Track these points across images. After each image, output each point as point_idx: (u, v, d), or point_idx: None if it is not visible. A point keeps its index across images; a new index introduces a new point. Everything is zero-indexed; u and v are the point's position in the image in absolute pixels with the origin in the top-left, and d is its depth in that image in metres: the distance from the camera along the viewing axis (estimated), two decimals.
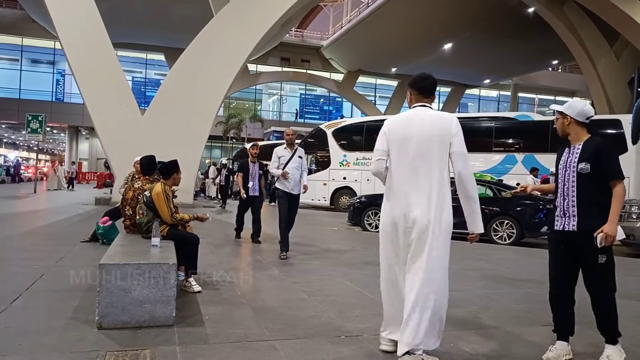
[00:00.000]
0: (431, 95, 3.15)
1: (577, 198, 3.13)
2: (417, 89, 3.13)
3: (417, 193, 2.95)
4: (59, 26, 14.31)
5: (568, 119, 3.24)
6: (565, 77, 44.90)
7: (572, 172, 3.17)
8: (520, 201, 10.06)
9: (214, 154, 39.73)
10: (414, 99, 3.15)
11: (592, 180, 3.09)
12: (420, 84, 3.13)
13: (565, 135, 3.29)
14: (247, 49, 15.76)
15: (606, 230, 2.96)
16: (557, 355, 3.19)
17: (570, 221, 3.14)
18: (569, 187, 3.18)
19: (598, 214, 3.05)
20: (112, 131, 14.75)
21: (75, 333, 3.33)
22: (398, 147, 3.03)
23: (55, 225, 9.73)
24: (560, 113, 3.29)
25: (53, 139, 51.49)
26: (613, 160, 3.10)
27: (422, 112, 3.07)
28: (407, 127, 3.04)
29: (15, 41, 36.16)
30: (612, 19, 21.86)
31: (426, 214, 2.92)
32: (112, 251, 4.11)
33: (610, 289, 3.09)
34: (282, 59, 40.42)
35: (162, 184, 4.72)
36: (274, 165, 7.03)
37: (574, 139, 3.24)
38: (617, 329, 3.12)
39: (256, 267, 6.17)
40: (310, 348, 3.26)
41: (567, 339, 3.24)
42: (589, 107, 3.24)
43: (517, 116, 15.53)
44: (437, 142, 2.95)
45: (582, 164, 3.11)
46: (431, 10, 27.26)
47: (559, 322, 3.25)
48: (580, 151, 3.17)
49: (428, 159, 2.95)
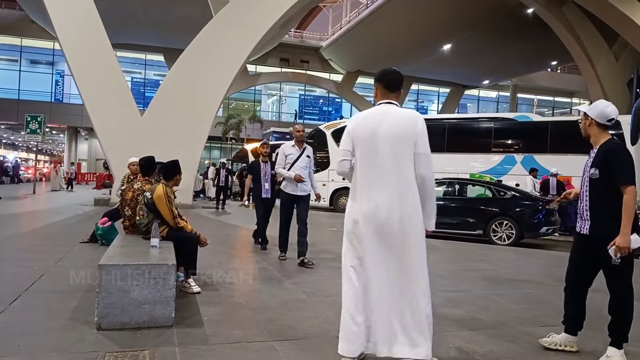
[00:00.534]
0: (397, 90, 3.00)
1: (589, 202, 3.16)
2: (383, 84, 2.99)
3: (383, 193, 2.83)
4: (58, 27, 14.30)
5: (589, 120, 3.20)
6: (565, 77, 44.93)
7: (586, 176, 3.19)
8: (519, 202, 10.07)
9: (214, 155, 39.70)
10: (379, 94, 3.01)
11: (603, 185, 3.08)
12: (386, 77, 3.00)
13: (587, 137, 3.26)
14: (246, 49, 15.76)
15: (618, 243, 2.94)
16: (552, 341, 3.34)
17: (585, 224, 3.19)
18: (584, 191, 3.21)
19: (608, 219, 3.04)
20: (111, 132, 14.75)
21: (75, 334, 3.33)
22: (363, 147, 2.91)
23: (54, 226, 9.72)
24: (584, 114, 3.25)
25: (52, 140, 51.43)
26: (621, 165, 3.04)
27: (387, 110, 2.94)
28: (372, 125, 2.91)
29: (15, 42, 36.11)
30: (611, 19, 21.88)
31: (394, 213, 2.80)
32: (112, 252, 4.11)
33: (625, 292, 3.10)
34: (281, 60, 40.41)
35: (163, 185, 4.69)
36: (281, 165, 6.50)
37: (594, 142, 3.22)
38: (626, 335, 3.11)
39: (255, 268, 6.17)
40: (310, 349, 3.26)
41: (575, 332, 3.32)
42: (612, 109, 3.16)
43: (516, 117, 15.52)
44: (403, 141, 2.84)
45: (593, 170, 3.12)
46: (430, 10, 27.27)
47: (568, 315, 3.34)
48: (595, 155, 3.16)
49: (394, 158, 2.84)
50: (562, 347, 3.32)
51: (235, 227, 11.19)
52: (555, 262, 7.72)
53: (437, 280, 5.85)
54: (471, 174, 14.17)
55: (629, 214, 2.95)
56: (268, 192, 7.31)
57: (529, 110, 43.01)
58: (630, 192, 2.96)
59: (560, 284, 3.45)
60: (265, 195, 7.30)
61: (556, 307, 4.63)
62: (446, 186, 11.11)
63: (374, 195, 2.85)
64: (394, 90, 2.99)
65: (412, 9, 27.55)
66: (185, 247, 4.60)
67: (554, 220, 9.89)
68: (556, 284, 5.77)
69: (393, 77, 3.00)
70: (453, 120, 16.98)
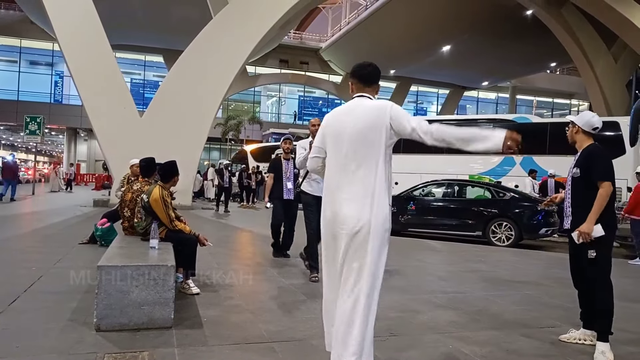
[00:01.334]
0: (372, 84, 2.80)
1: (571, 200, 3.54)
2: (357, 77, 2.81)
3: (350, 191, 2.62)
4: (57, 28, 14.30)
5: (576, 127, 3.57)
6: (563, 79, 45.03)
7: (570, 176, 3.58)
8: (519, 203, 10.08)
9: (213, 156, 39.68)
10: (354, 88, 2.83)
11: (583, 183, 3.42)
12: (360, 71, 2.81)
13: (573, 143, 3.63)
14: (245, 50, 15.77)
15: (580, 228, 3.31)
16: (571, 336, 3.60)
17: (568, 220, 3.56)
18: (568, 190, 3.60)
19: (587, 215, 3.33)
20: (111, 133, 14.74)
21: (74, 335, 3.33)
22: (333, 142, 2.74)
23: (54, 227, 9.71)
24: (571, 122, 3.63)
25: (51, 141, 51.40)
26: (599, 164, 3.40)
27: (359, 103, 2.74)
28: (342, 120, 2.74)
29: (14, 43, 36.12)
30: (610, 21, 21.93)
31: (358, 213, 2.57)
32: (111, 253, 4.10)
33: (602, 285, 3.36)
34: (280, 61, 40.45)
35: (159, 188, 4.66)
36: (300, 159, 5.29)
37: (579, 147, 3.58)
38: (610, 328, 3.31)
39: (255, 269, 6.16)
40: (309, 350, 3.26)
41: (590, 327, 3.52)
42: (597, 119, 3.54)
43: (515, 118, 15.56)
44: (373, 134, 2.61)
45: (574, 169, 3.51)
46: (430, 12, 27.32)
47: (581, 311, 3.60)
48: (578, 157, 3.53)
49: (362, 153, 2.61)
50: (581, 341, 3.54)
51: (234, 229, 11.18)
52: (554, 263, 7.72)
53: (437, 281, 5.86)
54: (470, 175, 14.18)
55: (599, 204, 3.29)
56: (291, 193, 6.42)
57: (528, 111, 43.07)
58: (605, 187, 3.31)
59: (559, 285, 3.49)
60: (287, 196, 6.45)
61: (555, 308, 4.64)
62: (445, 187, 11.13)
63: (340, 193, 2.66)
64: (369, 84, 2.80)
65: (411, 10, 27.60)
66: (184, 248, 4.59)
67: (553, 221, 9.90)
68: (555, 285, 5.78)
69: (367, 71, 2.81)
70: (452, 122, 17.00)
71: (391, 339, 3.54)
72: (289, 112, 43.01)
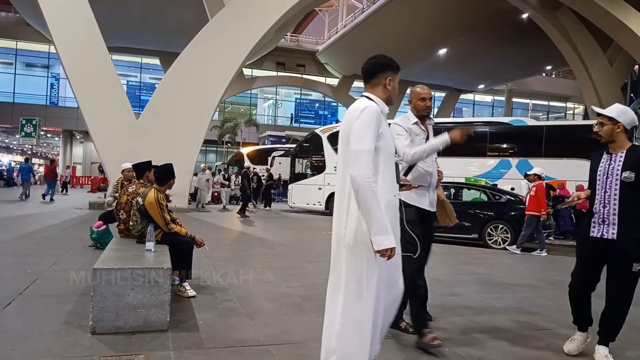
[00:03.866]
0: (370, 79, 2.62)
1: (619, 206, 3.10)
2: (361, 74, 2.72)
3: (337, 198, 2.56)
4: (53, 30, 14.28)
5: (620, 126, 3.14)
6: (559, 82, 45.26)
7: (615, 180, 3.12)
8: (515, 206, 10.10)
9: (209, 158, 39.65)
10: None
11: (636, 189, 3.07)
12: (362, 69, 2.68)
13: (610, 141, 3.20)
14: (242, 53, 15.79)
15: None
16: (577, 346, 3.38)
17: (610, 229, 3.14)
18: (611, 195, 3.14)
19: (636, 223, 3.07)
20: (107, 135, 14.71)
21: (69, 338, 3.31)
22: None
23: (49, 229, 9.67)
24: (610, 119, 3.17)
25: (47, 143, 51.21)
26: None
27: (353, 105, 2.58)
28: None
29: (10, 45, 36.02)
30: (605, 25, 22.05)
31: (337, 222, 2.52)
32: (106, 255, 4.09)
33: (631, 298, 3.16)
34: (277, 64, 40.50)
35: (154, 191, 4.64)
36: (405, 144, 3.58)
37: (618, 147, 3.17)
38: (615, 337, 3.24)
39: (251, 271, 6.15)
40: (305, 353, 3.25)
41: (587, 329, 3.41)
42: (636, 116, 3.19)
43: (511, 121, 15.59)
44: (344, 140, 2.48)
45: (627, 173, 3.07)
46: (427, 15, 27.42)
47: (578, 315, 3.41)
48: (624, 159, 3.12)
49: (343, 159, 2.50)
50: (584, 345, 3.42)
51: (234, 230, 11.16)
52: (551, 265, 7.74)
53: (433, 284, 5.84)
54: (467, 178, 14.21)
55: None
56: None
57: (524, 114, 43.28)
58: None
59: (555, 287, 3.48)
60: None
61: (551, 311, 4.65)
62: None
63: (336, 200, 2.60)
64: (367, 80, 2.65)
65: (408, 13, 27.70)
66: (180, 250, 4.57)
67: (549, 224, 9.92)
68: (551, 288, 5.80)
69: (364, 67, 2.66)
70: (449, 125, 17.04)
71: (387, 341, 3.54)
72: (286, 115, 43.03)
